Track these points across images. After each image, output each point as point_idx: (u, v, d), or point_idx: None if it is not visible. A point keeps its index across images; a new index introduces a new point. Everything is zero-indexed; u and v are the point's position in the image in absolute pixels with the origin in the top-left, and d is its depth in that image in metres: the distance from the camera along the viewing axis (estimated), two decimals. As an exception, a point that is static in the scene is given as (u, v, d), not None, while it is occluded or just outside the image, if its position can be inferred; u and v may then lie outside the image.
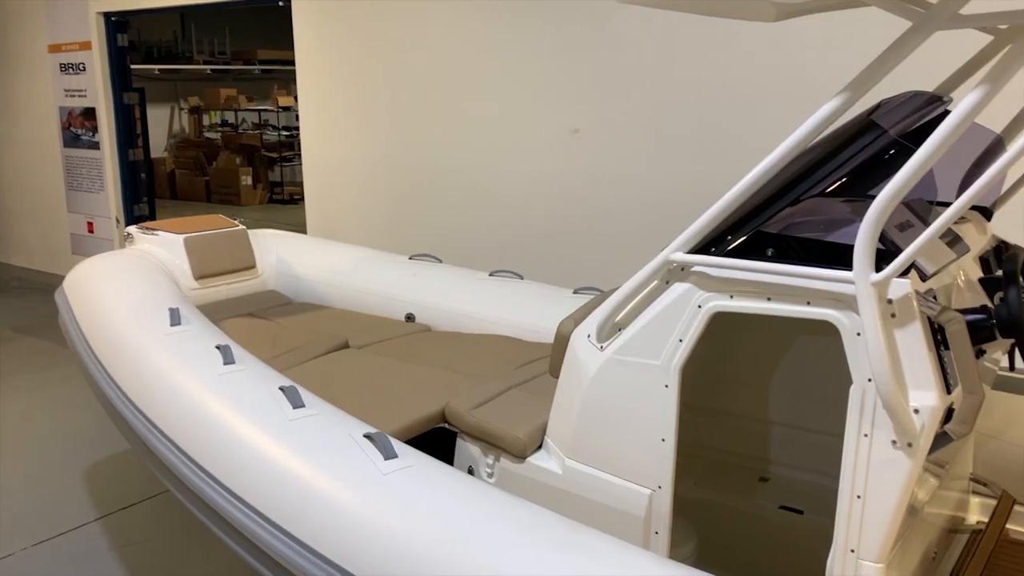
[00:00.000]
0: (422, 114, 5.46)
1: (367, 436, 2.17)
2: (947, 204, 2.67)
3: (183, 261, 3.91)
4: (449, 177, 5.39)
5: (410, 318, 3.74)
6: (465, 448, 2.60)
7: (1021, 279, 2.18)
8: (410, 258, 4.11)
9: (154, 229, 4.03)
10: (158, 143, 14.86)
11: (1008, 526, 2.62)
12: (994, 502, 2.65)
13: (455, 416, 2.62)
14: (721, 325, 2.89)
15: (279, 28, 7.31)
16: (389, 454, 2.08)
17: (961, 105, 1.59)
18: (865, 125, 2.01)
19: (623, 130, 4.66)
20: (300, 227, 6.20)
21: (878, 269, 1.76)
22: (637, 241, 4.57)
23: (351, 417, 2.34)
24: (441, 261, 4.09)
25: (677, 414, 2.12)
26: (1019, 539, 2.66)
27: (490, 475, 2.52)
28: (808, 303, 1.92)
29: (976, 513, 2.76)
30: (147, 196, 7.64)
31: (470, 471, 2.58)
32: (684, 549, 2.42)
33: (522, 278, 3.82)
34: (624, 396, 2.19)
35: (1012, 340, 1.99)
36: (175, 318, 2.95)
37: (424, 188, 5.53)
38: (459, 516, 1.86)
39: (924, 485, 2.26)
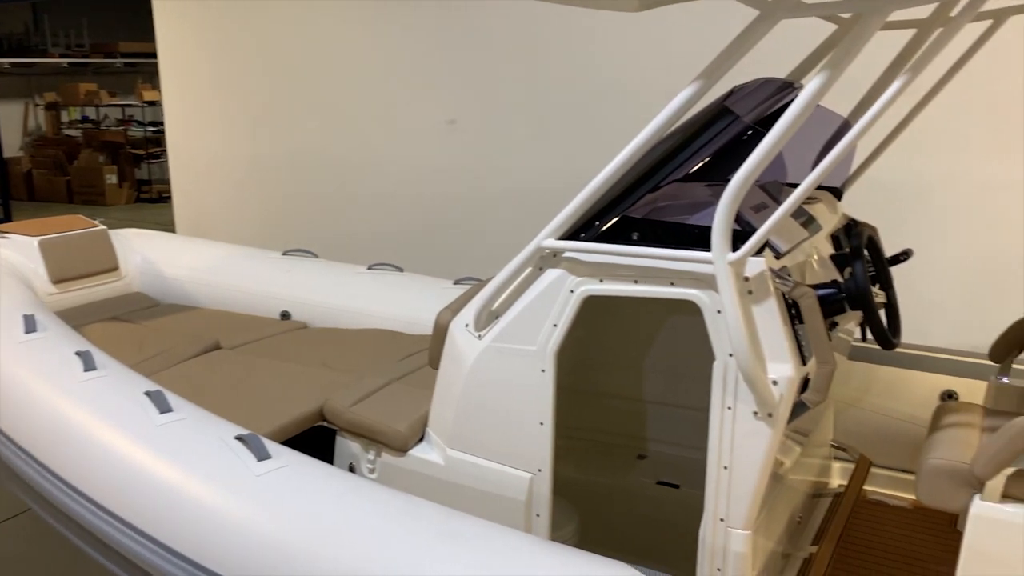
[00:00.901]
0: (294, 107, 5.33)
1: (239, 438, 2.11)
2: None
3: (38, 265, 3.69)
4: (324, 171, 5.29)
5: (285, 316, 3.65)
6: (345, 445, 2.57)
7: (867, 254, 2.32)
8: (284, 254, 4.01)
9: (5, 232, 3.78)
10: (12, 142, 13.93)
11: (865, 487, 2.79)
12: (853, 466, 2.81)
13: (333, 413, 2.57)
14: (596, 309, 2.96)
15: (142, 18, 6.97)
16: (262, 455, 2.03)
17: (804, 92, 1.68)
18: (719, 111, 2.09)
19: (499, 120, 4.68)
20: (170, 226, 5.95)
21: (735, 249, 1.83)
22: (517, 229, 4.59)
23: (222, 420, 2.27)
24: (316, 256, 4.01)
25: (554, 397, 2.15)
26: (876, 499, 2.84)
27: (372, 471, 2.50)
28: (672, 284, 1.98)
29: (838, 477, 2.93)
30: (0, 198, 7.17)
31: (351, 468, 2.55)
32: (566, 530, 2.46)
33: (402, 270, 3.79)
34: (502, 383, 2.21)
35: (861, 312, 2.11)
36: (30, 325, 2.78)
37: (298, 182, 5.40)
38: (335, 513, 1.83)
39: (787, 453, 2.38)
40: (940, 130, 3.69)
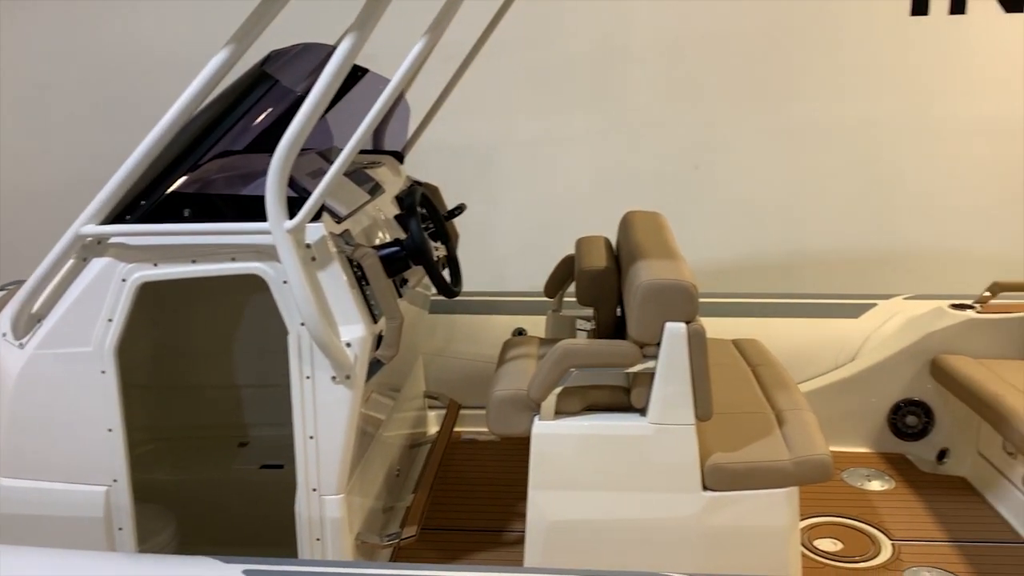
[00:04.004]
0: None
1: None
2: (365, 152, 2.87)
3: None
4: None
5: None
6: None
7: (420, 210, 2.44)
8: None
9: None
10: None
11: (456, 429, 2.98)
12: (444, 411, 2.98)
13: None
14: (174, 298, 2.76)
15: None
16: None
17: (335, 54, 1.70)
18: (259, 76, 2.04)
19: (38, 103, 4.15)
20: None
21: (292, 216, 1.81)
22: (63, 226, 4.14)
23: None
24: None
25: (121, 400, 1.97)
26: (468, 438, 3.06)
27: (-96, 524, 2.09)
28: (233, 259, 1.91)
29: (434, 425, 3.09)
30: None
31: None
32: (161, 537, 2.29)
33: (-74, 282, 3.20)
34: (57, 393, 1.97)
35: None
36: None
37: None
38: None
39: (378, 411, 2.45)
40: (490, 96, 4.00)
